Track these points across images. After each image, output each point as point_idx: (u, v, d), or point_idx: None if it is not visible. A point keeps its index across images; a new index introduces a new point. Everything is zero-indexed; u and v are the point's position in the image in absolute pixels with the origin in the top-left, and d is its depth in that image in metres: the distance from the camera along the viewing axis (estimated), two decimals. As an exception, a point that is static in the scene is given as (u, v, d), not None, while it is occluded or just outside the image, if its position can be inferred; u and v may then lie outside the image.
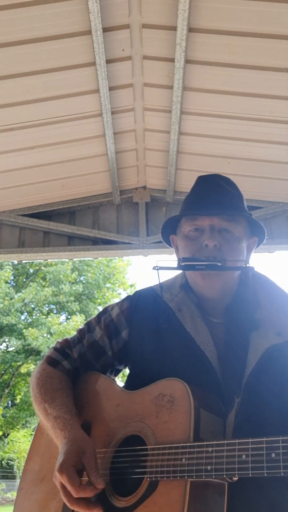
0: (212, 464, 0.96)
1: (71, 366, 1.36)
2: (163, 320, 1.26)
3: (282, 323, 1.19)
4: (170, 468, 1.02)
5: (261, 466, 0.88)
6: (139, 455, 1.11)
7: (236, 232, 1.25)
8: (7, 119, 2.88)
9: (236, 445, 0.94)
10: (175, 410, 1.09)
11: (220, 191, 1.31)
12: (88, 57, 2.55)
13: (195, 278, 1.26)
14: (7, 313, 15.75)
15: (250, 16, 2.27)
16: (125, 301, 1.39)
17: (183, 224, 1.32)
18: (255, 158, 3.32)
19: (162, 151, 3.40)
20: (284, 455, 0.86)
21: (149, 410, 1.15)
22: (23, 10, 2.22)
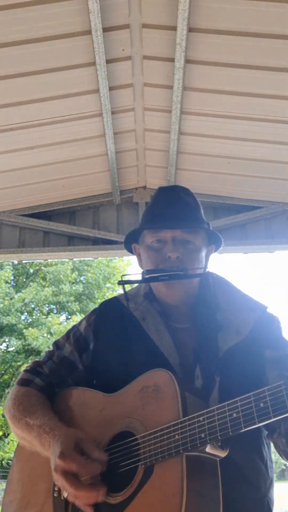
0: (205, 431, 1.00)
1: (44, 382, 1.37)
2: (129, 329, 1.32)
3: (240, 322, 1.27)
4: (164, 448, 1.04)
5: (252, 417, 0.95)
6: (130, 447, 1.12)
7: (196, 242, 1.34)
8: (7, 119, 2.88)
9: (226, 407, 1.00)
10: (161, 397, 1.12)
11: (180, 204, 1.39)
12: (88, 57, 2.54)
13: (159, 287, 1.34)
14: (7, 313, 15.75)
15: (250, 16, 2.27)
16: (92, 313, 1.43)
17: (146, 235, 1.37)
18: (255, 158, 3.32)
19: (162, 151, 3.40)
20: (271, 401, 0.93)
21: (134, 405, 1.17)
22: (23, 10, 2.22)
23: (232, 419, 0.97)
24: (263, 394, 0.95)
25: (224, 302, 1.34)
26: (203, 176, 3.61)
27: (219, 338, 1.25)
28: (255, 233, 3.77)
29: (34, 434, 1.22)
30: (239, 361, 1.22)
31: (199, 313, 1.34)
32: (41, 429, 1.21)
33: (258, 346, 1.25)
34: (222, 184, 3.66)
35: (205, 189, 3.76)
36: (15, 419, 1.29)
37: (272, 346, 1.26)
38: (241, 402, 0.98)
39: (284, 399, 0.92)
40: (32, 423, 1.23)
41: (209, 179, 3.63)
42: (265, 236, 3.76)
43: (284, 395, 0.92)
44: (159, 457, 1.05)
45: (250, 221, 3.79)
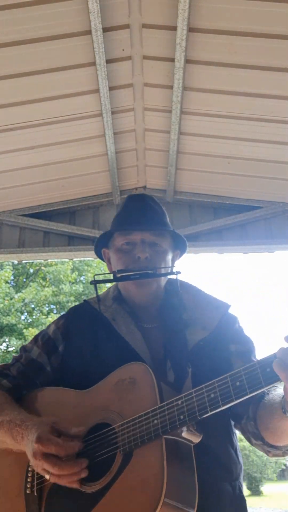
0: (184, 412, 1.06)
1: (11, 384, 1.40)
2: (100, 330, 1.38)
3: (206, 319, 1.38)
4: (143, 432, 1.08)
5: (230, 395, 1.02)
6: (107, 436, 1.15)
7: (163, 245, 1.45)
8: (7, 119, 2.88)
9: (204, 388, 1.06)
10: (138, 387, 1.16)
11: (149, 209, 1.48)
12: (88, 57, 2.55)
13: (128, 287, 1.42)
14: (7, 313, 15.75)
15: (251, 16, 2.27)
16: (61, 318, 1.50)
17: (116, 238, 1.46)
18: (255, 158, 3.32)
19: (162, 151, 3.40)
20: (247, 379, 1.01)
21: (110, 398, 1.19)
22: (23, 10, 2.22)
23: (210, 399, 1.04)
24: (239, 374, 1.03)
25: (189, 303, 1.44)
26: (203, 176, 3.61)
27: (187, 334, 1.35)
28: (255, 233, 3.77)
29: (4, 430, 1.24)
30: (208, 354, 1.32)
31: (165, 313, 1.43)
32: (11, 423, 1.22)
33: (224, 340, 1.37)
34: (222, 184, 3.66)
35: (205, 189, 3.77)
36: None
37: (236, 341, 1.38)
38: (218, 383, 1.04)
39: (259, 376, 1.00)
40: (1, 419, 1.25)
41: (209, 179, 3.63)
42: (265, 236, 3.76)
43: (259, 372, 1.00)
44: (138, 442, 1.08)
45: (250, 221, 3.79)
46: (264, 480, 29.11)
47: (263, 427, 1.20)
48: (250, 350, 1.39)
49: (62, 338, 1.44)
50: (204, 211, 3.87)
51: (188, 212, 3.88)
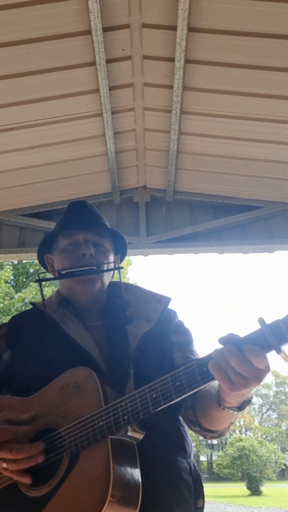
0: (128, 413, 1.11)
1: None
2: (48, 332, 1.40)
3: (149, 312, 1.46)
4: (89, 434, 1.11)
5: (170, 394, 1.09)
6: (53, 440, 1.17)
7: (106, 245, 1.52)
8: (7, 119, 2.88)
9: (146, 389, 1.12)
10: (83, 391, 1.18)
11: (89, 213, 1.58)
12: (88, 56, 2.55)
13: (73, 286, 1.46)
14: (7, 313, 15.75)
15: (251, 16, 2.27)
16: (3, 327, 1.50)
17: (59, 240, 1.52)
18: (255, 158, 3.32)
19: (162, 151, 3.40)
20: (185, 379, 1.08)
21: (55, 402, 1.21)
22: (23, 10, 2.22)
23: (152, 399, 1.10)
24: (178, 374, 1.10)
25: (132, 299, 1.52)
26: (203, 176, 3.61)
27: (129, 330, 1.41)
28: (255, 233, 3.77)
29: None
30: (152, 346, 1.40)
31: (108, 312, 1.50)
32: None
33: (166, 331, 1.46)
34: (222, 184, 3.67)
35: (205, 189, 3.77)
36: None
37: (177, 333, 1.48)
38: (159, 383, 1.11)
39: (196, 375, 1.08)
40: None
41: (209, 179, 3.63)
42: (265, 236, 3.76)
43: (196, 372, 1.08)
44: (85, 444, 1.11)
45: (250, 221, 3.79)
46: (264, 480, 29.12)
47: (200, 415, 1.29)
48: (190, 340, 1.49)
49: (6, 346, 1.43)
50: (204, 211, 3.87)
51: (188, 212, 3.88)
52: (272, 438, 48.00)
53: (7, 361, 1.41)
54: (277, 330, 1.02)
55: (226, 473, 35.82)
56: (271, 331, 1.03)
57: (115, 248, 1.59)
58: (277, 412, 53.75)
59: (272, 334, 1.02)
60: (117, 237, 1.59)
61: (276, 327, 1.03)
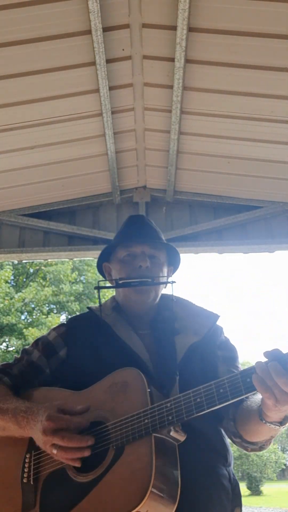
0: (172, 414, 1.18)
1: (12, 382, 1.51)
2: (101, 335, 1.52)
3: (197, 326, 1.54)
4: (135, 430, 1.19)
5: (214, 400, 1.15)
6: (101, 433, 1.25)
7: (161, 258, 1.62)
8: (7, 119, 2.88)
9: (191, 393, 1.19)
10: (130, 390, 1.27)
11: (147, 226, 1.68)
12: (88, 56, 2.54)
13: (128, 294, 1.57)
14: (7, 313, 15.74)
15: (251, 16, 2.27)
16: (62, 326, 1.63)
17: (118, 251, 1.62)
18: (255, 158, 3.32)
19: (162, 151, 3.40)
20: (229, 387, 1.14)
21: (104, 399, 1.30)
22: (22, 10, 2.22)
23: (196, 403, 1.17)
24: (222, 382, 1.16)
25: (182, 313, 1.60)
26: (203, 176, 3.61)
27: (177, 341, 1.49)
28: (255, 233, 3.77)
29: (9, 416, 1.35)
30: (198, 356, 1.47)
31: (158, 322, 1.59)
32: (16, 410, 1.34)
33: (213, 346, 1.53)
34: (222, 184, 3.66)
35: (205, 189, 3.77)
36: None
37: (222, 348, 1.55)
38: (204, 389, 1.17)
39: (240, 385, 1.14)
40: (6, 407, 1.37)
41: (209, 179, 3.63)
42: (265, 236, 3.75)
43: (240, 382, 1.14)
44: (130, 438, 1.19)
45: (250, 221, 3.79)
46: (264, 480, 29.11)
47: (241, 428, 1.35)
48: (235, 357, 1.56)
49: (63, 343, 1.55)
50: (204, 211, 3.87)
51: (188, 212, 3.88)
52: (272, 438, 47.88)
53: (63, 357, 1.53)
54: None
55: (226, 473, 35.66)
56: None
57: (169, 260, 1.68)
58: (277, 412, 53.61)
59: None
60: (171, 250, 1.68)
61: None
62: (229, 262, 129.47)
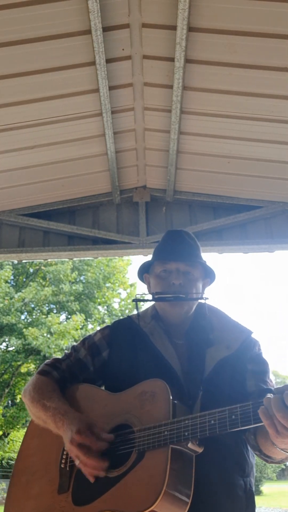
0: (188, 430, 1.30)
1: (60, 376, 1.66)
2: (139, 342, 1.64)
3: (230, 340, 1.61)
4: (155, 439, 1.33)
5: (225, 425, 1.26)
6: (128, 436, 1.41)
7: (195, 274, 1.69)
8: (7, 118, 2.88)
9: (207, 415, 1.30)
10: (157, 401, 1.41)
11: (184, 243, 1.74)
12: (88, 56, 2.54)
13: (164, 307, 1.67)
14: (7, 312, 15.74)
15: (250, 16, 2.27)
16: (106, 328, 1.75)
17: (155, 266, 1.73)
18: (255, 158, 3.32)
19: (162, 150, 3.40)
20: (240, 415, 1.25)
21: (134, 404, 1.45)
22: (22, 9, 2.22)
23: (210, 425, 1.28)
24: (236, 410, 1.26)
25: (217, 324, 1.68)
26: (203, 176, 3.61)
27: (207, 353, 1.57)
28: (255, 233, 3.77)
29: (49, 414, 1.51)
30: (228, 370, 1.54)
31: (193, 332, 1.67)
32: (56, 411, 1.50)
33: (243, 360, 1.58)
34: (222, 183, 3.66)
35: (205, 189, 3.77)
36: (33, 400, 1.58)
37: (253, 362, 1.60)
38: (218, 413, 1.28)
39: (250, 415, 1.23)
40: (49, 405, 1.53)
41: (209, 179, 3.63)
42: (265, 236, 3.75)
43: (250, 411, 1.23)
44: (150, 446, 1.33)
45: (250, 221, 3.79)
46: (264, 480, 29.11)
47: (260, 442, 1.44)
48: (265, 371, 1.60)
49: (106, 345, 1.69)
50: (204, 210, 3.87)
51: (188, 211, 3.88)
52: (272, 437, 47.89)
53: (105, 358, 1.67)
54: None
55: (226, 473, 35.70)
56: None
57: (205, 273, 1.75)
58: (277, 412, 53.62)
59: None
60: (206, 265, 1.75)
61: None
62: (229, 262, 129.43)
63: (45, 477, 1.52)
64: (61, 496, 1.45)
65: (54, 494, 1.47)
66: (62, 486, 1.47)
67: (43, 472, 1.53)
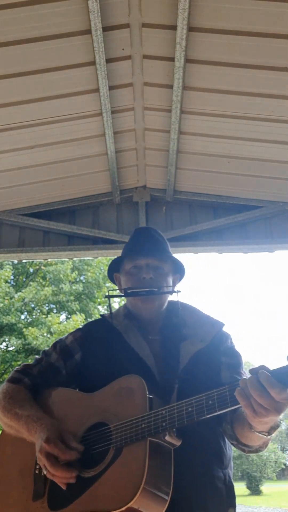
0: (166, 421, 1.29)
1: (31, 382, 1.64)
2: (113, 341, 1.64)
3: (203, 333, 1.63)
4: (133, 433, 1.31)
5: (202, 411, 1.26)
6: (104, 433, 1.39)
7: (165, 269, 1.72)
8: (7, 118, 2.88)
9: (184, 404, 1.30)
10: (133, 396, 1.39)
11: (152, 239, 1.78)
12: (88, 56, 2.54)
13: (136, 303, 1.68)
14: (7, 312, 15.73)
15: (251, 15, 2.27)
16: (78, 331, 1.75)
17: (125, 264, 1.75)
18: (255, 158, 3.32)
19: (162, 150, 3.40)
20: (217, 400, 1.25)
21: (110, 402, 1.44)
22: (22, 9, 2.22)
23: (187, 412, 1.28)
24: (212, 395, 1.26)
25: (189, 320, 1.70)
26: (203, 176, 3.61)
27: (182, 348, 1.59)
28: (255, 233, 3.77)
29: (22, 422, 1.49)
30: (203, 363, 1.56)
31: (167, 328, 1.69)
32: (29, 419, 1.47)
33: (217, 352, 1.61)
34: (222, 183, 3.66)
35: (205, 189, 3.76)
36: (5, 410, 1.55)
37: (227, 355, 1.63)
38: (195, 400, 1.28)
39: (227, 398, 1.24)
40: (21, 413, 1.50)
41: (209, 179, 3.63)
42: (265, 236, 3.75)
43: (227, 395, 1.24)
44: (128, 441, 1.32)
45: (250, 221, 3.79)
46: (264, 480, 29.13)
47: (237, 431, 1.44)
48: (239, 363, 1.63)
49: (79, 348, 1.68)
50: (204, 210, 3.87)
51: (188, 211, 3.88)
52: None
53: (78, 360, 1.66)
54: None
55: (226, 473, 35.73)
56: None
57: (175, 269, 1.78)
58: (277, 412, 53.56)
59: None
60: (176, 260, 1.78)
61: None
62: (229, 262, 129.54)
63: (20, 485, 1.49)
64: (36, 502, 1.42)
65: (29, 501, 1.44)
66: (37, 492, 1.44)
67: (19, 479, 1.50)
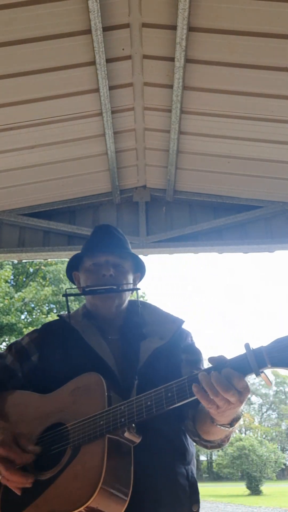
0: (125, 416, 1.26)
1: None
2: (71, 340, 1.59)
3: (163, 331, 1.62)
4: (91, 431, 1.28)
5: (162, 404, 1.24)
6: (61, 434, 1.35)
7: (125, 266, 1.69)
8: (7, 118, 2.88)
9: (142, 398, 1.27)
10: (91, 394, 1.36)
11: (112, 237, 1.74)
12: (88, 56, 2.54)
13: (95, 302, 1.65)
14: (7, 312, 15.75)
15: (251, 15, 2.27)
16: (35, 332, 1.71)
17: (85, 262, 1.71)
18: (255, 158, 3.32)
19: (162, 150, 3.40)
20: (176, 391, 1.23)
21: (67, 401, 1.40)
22: (22, 9, 2.22)
23: (147, 406, 1.25)
24: (171, 386, 1.25)
25: (149, 318, 1.68)
26: (203, 176, 3.61)
27: (142, 346, 1.57)
28: (255, 233, 3.77)
29: None
30: (162, 360, 1.54)
31: (127, 328, 1.66)
32: None
33: (177, 349, 1.60)
34: (222, 183, 3.66)
35: (205, 189, 3.77)
36: None
37: (187, 352, 1.62)
38: (154, 393, 1.27)
39: (186, 389, 1.22)
40: None
41: (209, 179, 3.63)
42: (265, 236, 3.75)
43: (186, 386, 1.23)
44: (86, 439, 1.28)
45: (250, 221, 3.79)
46: (264, 480, 29.13)
47: (199, 427, 1.43)
48: (199, 360, 1.62)
49: (35, 349, 1.63)
50: (204, 210, 3.87)
51: (188, 211, 3.88)
52: (272, 437, 47.97)
53: (35, 362, 1.61)
54: (259, 356, 1.16)
55: (226, 473, 35.83)
56: (254, 356, 1.16)
57: (135, 267, 1.74)
58: (277, 412, 53.66)
59: (254, 359, 1.16)
60: (136, 258, 1.74)
61: (259, 352, 1.17)
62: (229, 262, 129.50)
63: None
64: None
65: None
66: None
67: None
